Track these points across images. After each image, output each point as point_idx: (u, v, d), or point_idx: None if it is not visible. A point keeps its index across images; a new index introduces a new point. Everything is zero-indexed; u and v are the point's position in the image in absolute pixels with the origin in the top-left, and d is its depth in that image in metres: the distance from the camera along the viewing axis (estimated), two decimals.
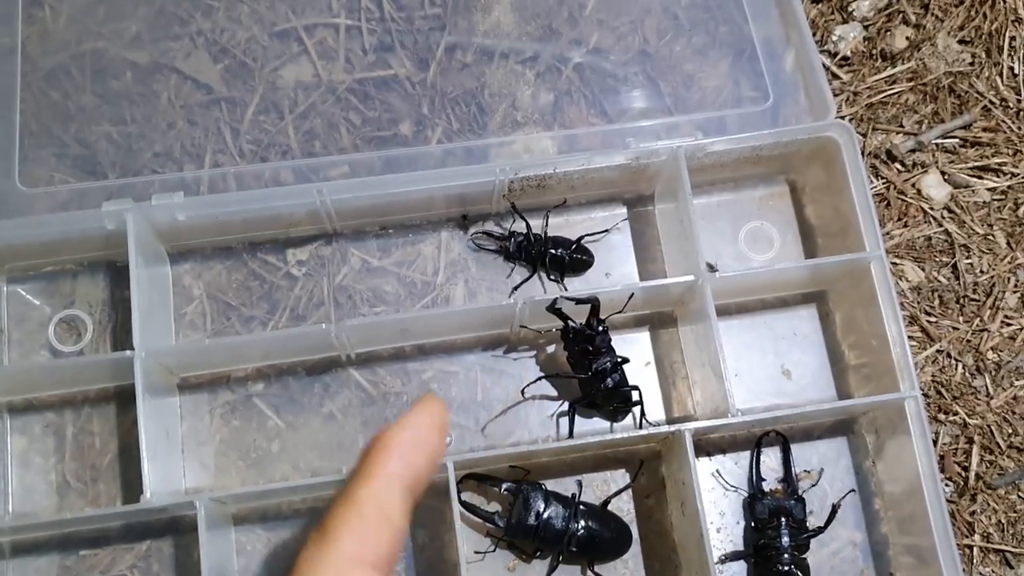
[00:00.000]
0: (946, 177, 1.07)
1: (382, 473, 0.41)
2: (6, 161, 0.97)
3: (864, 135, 1.08)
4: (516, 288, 0.99)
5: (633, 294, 0.91)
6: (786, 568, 0.89)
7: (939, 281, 1.04)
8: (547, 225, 1.00)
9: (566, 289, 0.99)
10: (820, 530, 0.91)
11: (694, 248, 0.90)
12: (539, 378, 0.96)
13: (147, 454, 0.84)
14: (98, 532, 0.91)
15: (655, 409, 0.97)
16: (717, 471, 0.95)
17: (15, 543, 0.91)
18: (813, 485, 0.95)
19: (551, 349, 0.98)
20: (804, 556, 0.91)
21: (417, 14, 1.06)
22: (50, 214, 0.94)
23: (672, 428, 0.87)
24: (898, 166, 1.07)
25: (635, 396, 0.94)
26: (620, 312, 0.94)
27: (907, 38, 1.11)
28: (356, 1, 1.06)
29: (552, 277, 0.99)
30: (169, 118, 1.02)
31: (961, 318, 1.03)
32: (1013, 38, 1.11)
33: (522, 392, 0.96)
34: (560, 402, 0.96)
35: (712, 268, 0.95)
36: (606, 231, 1.01)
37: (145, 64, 1.04)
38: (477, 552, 0.91)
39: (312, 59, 1.04)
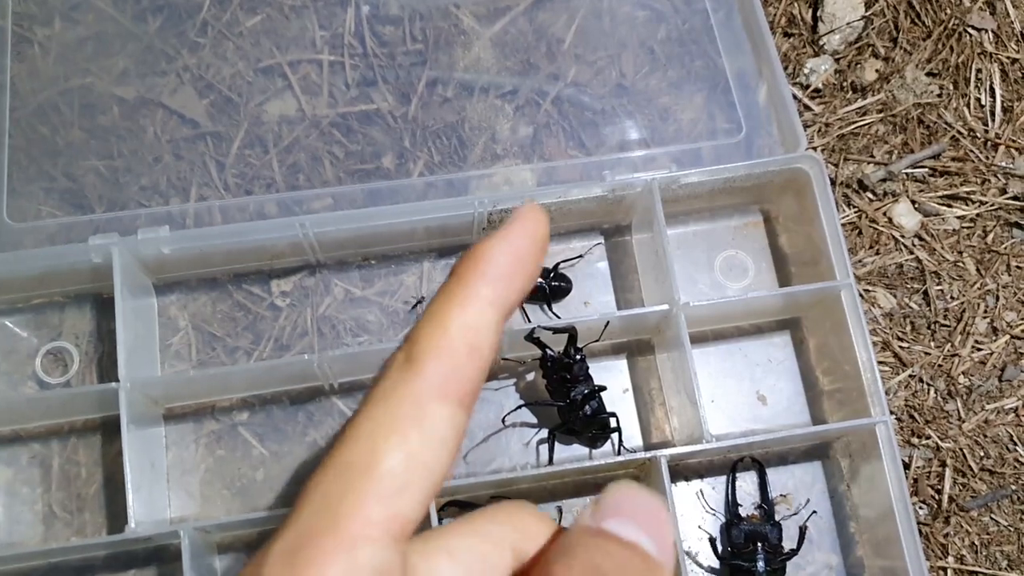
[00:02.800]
0: (916, 206, 1.10)
1: (476, 298, 0.36)
2: None
3: (836, 165, 1.10)
4: None
5: (608, 323, 0.93)
6: None
7: (911, 307, 1.06)
8: None
9: (557, 316, 1.01)
10: (793, 553, 0.93)
11: (668, 278, 0.92)
12: (519, 406, 0.97)
13: (132, 484, 0.86)
14: (84, 562, 0.92)
15: (634, 436, 0.98)
16: (700, 491, 0.97)
17: (1, 573, 0.92)
18: (794, 514, 0.97)
19: (530, 377, 1.00)
20: None
21: (399, 50, 1.08)
22: (38, 248, 0.96)
23: (648, 454, 0.88)
24: (869, 195, 1.10)
25: (613, 423, 0.95)
26: (597, 341, 0.96)
27: (877, 71, 1.14)
28: (339, 37, 1.09)
29: (523, 310, 1.01)
30: (155, 152, 1.04)
31: (932, 343, 1.05)
32: (979, 70, 1.14)
33: (503, 420, 0.97)
34: (539, 430, 0.98)
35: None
36: (580, 256, 1.03)
37: (132, 100, 1.06)
38: None
39: (296, 94, 1.06)
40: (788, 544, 0.94)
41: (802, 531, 0.94)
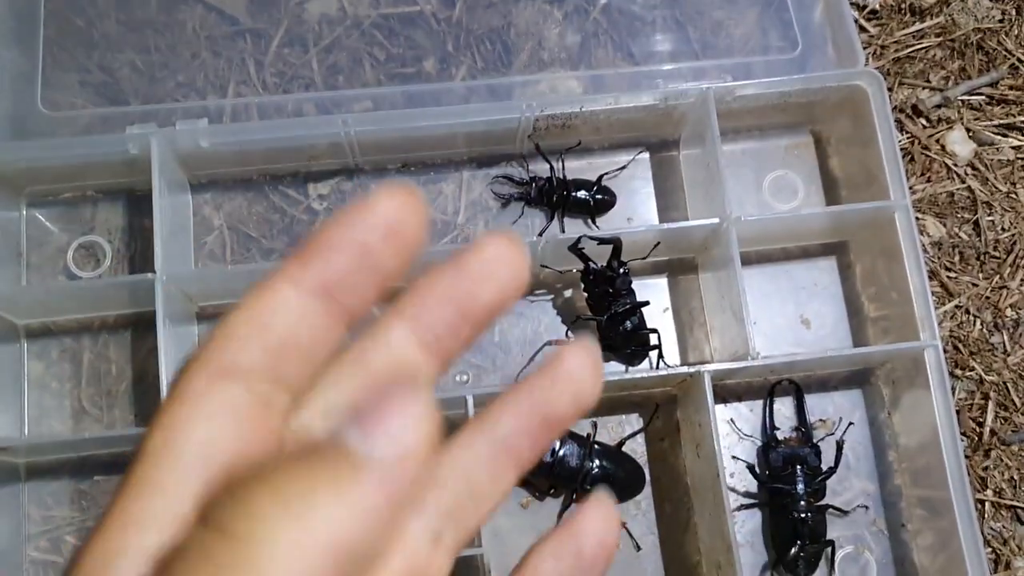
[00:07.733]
0: (971, 134, 1.06)
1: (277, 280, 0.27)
2: (29, 84, 0.96)
3: (890, 89, 1.07)
4: (541, 233, 0.98)
5: (659, 243, 0.91)
6: (802, 515, 0.89)
7: (960, 237, 1.03)
8: (564, 167, 0.99)
9: (599, 228, 0.98)
10: (831, 471, 0.91)
11: (720, 192, 0.90)
12: (569, 326, 0.95)
13: (166, 378, 0.84)
14: (113, 456, 0.91)
15: (671, 356, 0.96)
16: (732, 420, 0.95)
17: (30, 465, 0.91)
18: (830, 434, 0.95)
19: (568, 293, 0.98)
20: (821, 502, 0.91)
21: None
22: (72, 137, 0.93)
23: (691, 369, 0.87)
24: (923, 121, 1.06)
25: (653, 340, 0.93)
26: (644, 258, 0.94)
27: None
28: None
29: (561, 223, 0.99)
30: (193, 48, 1.01)
31: (981, 275, 1.02)
32: None
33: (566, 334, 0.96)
34: None
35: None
36: (624, 167, 1.00)
37: None
38: None
39: None
40: (826, 467, 0.92)
41: (839, 446, 0.92)
